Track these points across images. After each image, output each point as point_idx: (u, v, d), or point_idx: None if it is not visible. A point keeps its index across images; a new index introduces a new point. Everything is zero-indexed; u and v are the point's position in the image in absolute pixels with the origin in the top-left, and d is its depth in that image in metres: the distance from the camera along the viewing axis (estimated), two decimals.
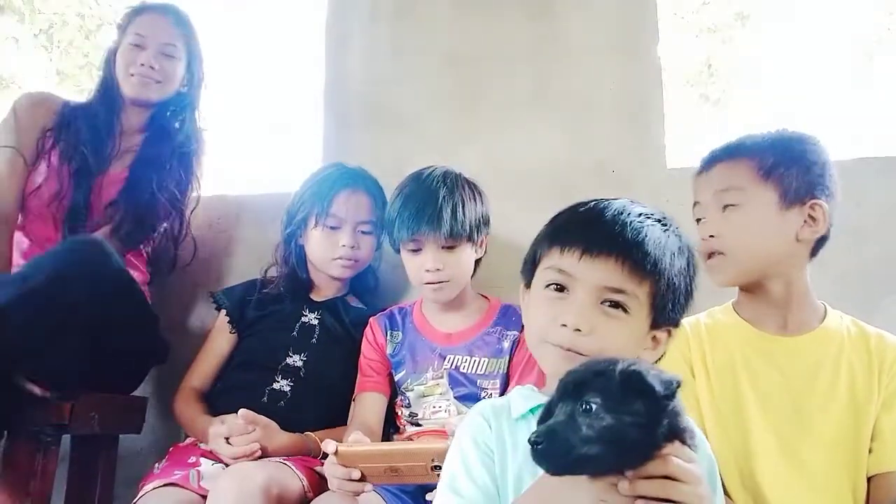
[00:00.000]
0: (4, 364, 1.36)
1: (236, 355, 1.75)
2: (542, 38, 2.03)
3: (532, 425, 0.92)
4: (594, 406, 0.77)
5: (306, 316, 1.75)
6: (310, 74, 2.35)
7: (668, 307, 0.97)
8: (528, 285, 1.05)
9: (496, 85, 2.03)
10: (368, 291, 1.87)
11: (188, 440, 1.64)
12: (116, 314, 1.53)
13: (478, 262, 1.65)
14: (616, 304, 0.94)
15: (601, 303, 0.94)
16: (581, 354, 0.92)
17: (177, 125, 1.97)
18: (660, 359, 1.01)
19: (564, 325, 0.94)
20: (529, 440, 0.78)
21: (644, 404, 0.77)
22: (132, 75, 1.88)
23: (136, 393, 1.78)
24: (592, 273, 0.94)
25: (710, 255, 1.27)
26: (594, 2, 2.03)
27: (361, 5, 2.15)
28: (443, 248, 1.54)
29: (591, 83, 1.98)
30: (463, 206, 1.55)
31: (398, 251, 1.63)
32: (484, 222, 1.62)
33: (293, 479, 1.40)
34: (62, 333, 1.41)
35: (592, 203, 1.01)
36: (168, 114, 1.97)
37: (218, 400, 1.69)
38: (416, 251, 1.57)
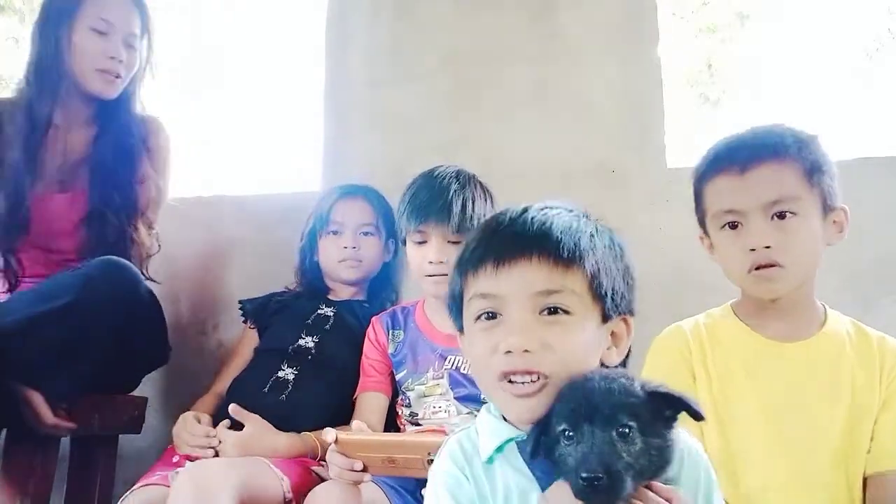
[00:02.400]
0: (15, 378, 1.36)
1: (253, 352, 1.78)
2: (542, 38, 2.03)
3: (504, 465, 0.85)
4: (630, 430, 0.72)
5: (322, 310, 1.78)
6: (310, 74, 2.35)
7: (610, 292, 0.87)
8: (461, 329, 0.93)
9: (496, 85, 2.03)
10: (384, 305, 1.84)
11: None
12: (133, 334, 1.53)
13: None
14: (555, 310, 0.84)
15: (540, 313, 0.84)
16: (537, 372, 0.82)
17: (128, 115, 1.74)
18: (628, 355, 0.92)
19: (509, 352, 0.83)
20: (581, 476, 0.70)
21: (665, 426, 0.74)
22: (100, 70, 1.65)
23: (136, 393, 1.78)
24: (515, 283, 0.84)
25: (761, 267, 1.17)
26: (594, 2, 2.03)
27: (361, 5, 2.15)
28: (449, 241, 1.55)
29: (591, 83, 1.99)
30: (473, 203, 1.56)
31: (404, 243, 1.63)
32: None
33: (271, 478, 1.33)
34: (78, 355, 1.40)
35: (491, 218, 0.94)
36: (117, 106, 1.73)
37: (225, 397, 1.69)
38: (421, 243, 1.57)
